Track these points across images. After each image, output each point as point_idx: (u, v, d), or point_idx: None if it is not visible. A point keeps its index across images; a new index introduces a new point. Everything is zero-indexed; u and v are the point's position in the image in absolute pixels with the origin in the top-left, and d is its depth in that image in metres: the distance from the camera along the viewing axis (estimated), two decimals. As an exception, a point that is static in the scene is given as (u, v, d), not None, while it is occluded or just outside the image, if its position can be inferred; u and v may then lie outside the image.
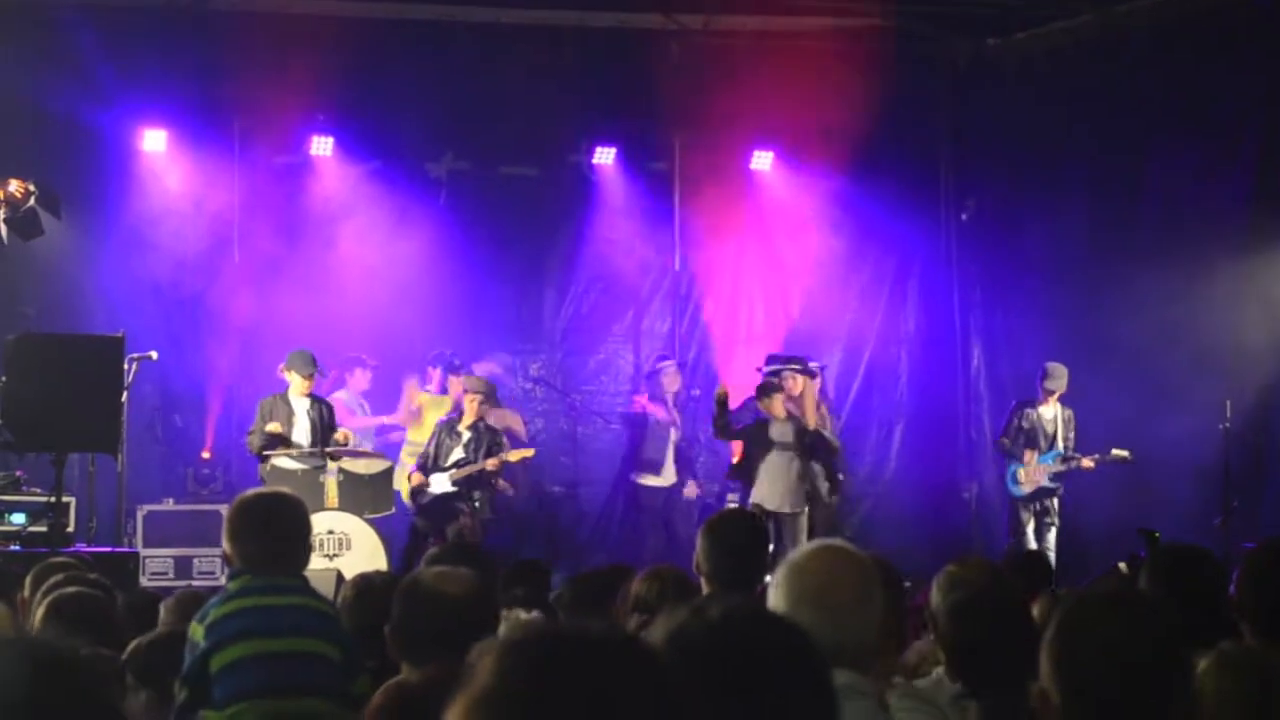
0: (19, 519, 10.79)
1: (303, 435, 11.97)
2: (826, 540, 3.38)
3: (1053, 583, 7.72)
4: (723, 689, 2.08)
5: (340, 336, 13.68)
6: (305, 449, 11.82)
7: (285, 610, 4.68)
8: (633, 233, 15.29)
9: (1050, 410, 13.23)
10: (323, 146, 14.37)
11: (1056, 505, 13.22)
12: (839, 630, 3.08)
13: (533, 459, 13.27)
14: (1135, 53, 14.17)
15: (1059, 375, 13.16)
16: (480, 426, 12.51)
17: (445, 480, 12.43)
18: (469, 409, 12.52)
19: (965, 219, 15.50)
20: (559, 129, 14.81)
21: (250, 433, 12.04)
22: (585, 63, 14.38)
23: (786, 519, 12.33)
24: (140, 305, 13.35)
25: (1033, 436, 13.19)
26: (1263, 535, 11.40)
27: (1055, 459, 13.13)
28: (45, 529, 10.56)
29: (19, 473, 11.41)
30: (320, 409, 12.11)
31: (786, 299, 15.41)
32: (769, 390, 12.60)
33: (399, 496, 12.66)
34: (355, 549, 11.41)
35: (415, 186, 14.68)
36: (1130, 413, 13.49)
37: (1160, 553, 5.29)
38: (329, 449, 11.86)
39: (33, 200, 11.16)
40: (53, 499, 10.53)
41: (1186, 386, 13.29)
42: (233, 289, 14.04)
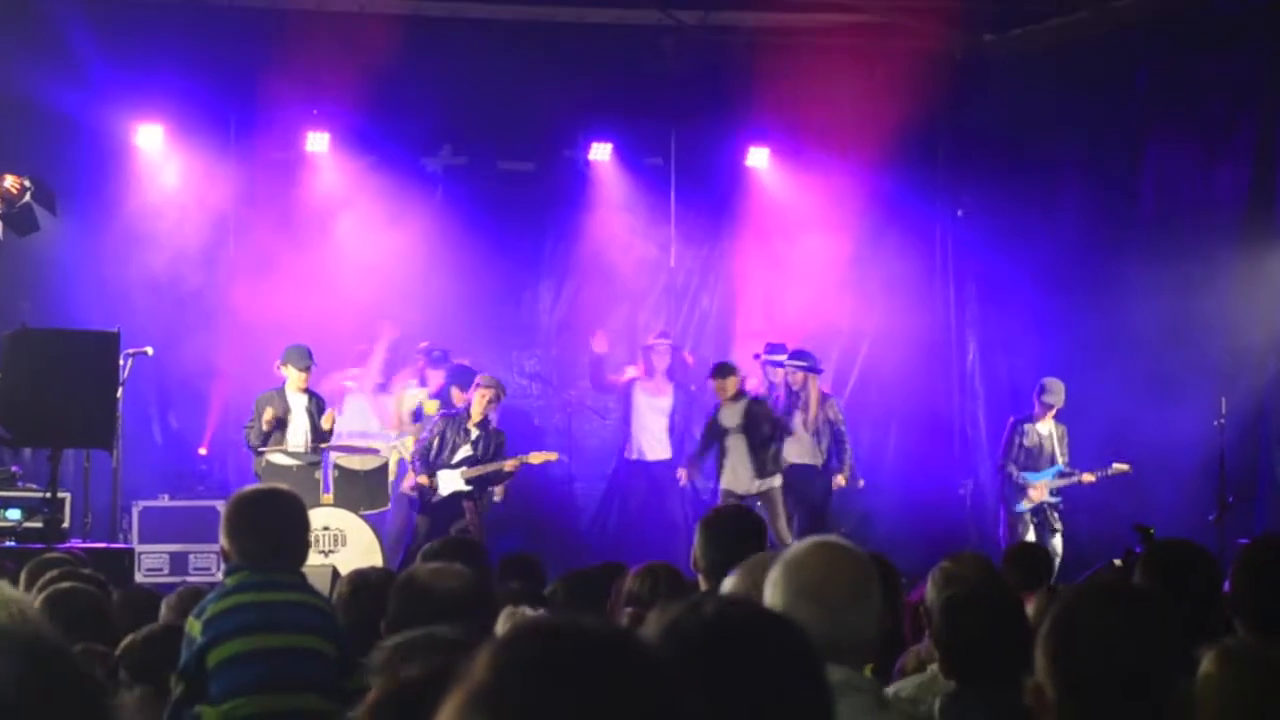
0: (14, 514, 10.76)
1: (299, 431, 11.96)
2: (823, 536, 3.38)
3: (1053, 577, 7.74)
4: (718, 685, 2.07)
5: (336, 331, 13.67)
6: (300, 449, 11.83)
7: (282, 606, 4.69)
8: (629, 228, 15.28)
9: (1046, 426, 13.16)
10: (319, 141, 14.35)
11: (1058, 516, 13.14)
12: (836, 626, 3.08)
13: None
14: (1131, 49, 14.17)
15: (1057, 390, 13.03)
16: (488, 425, 12.21)
17: (456, 478, 12.04)
18: (478, 405, 12.10)
19: (961, 214, 15.50)
20: (556, 124, 14.78)
21: (248, 428, 12.03)
22: (582, 58, 14.36)
23: (759, 498, 12.34)
24: (136, 300, 13.32)
25: (1032, 454, 13.12)
26: (1257, 531, 11.48)
27: (1055, 475, 13.09)
28: (40, 525, 10.53)
29: (14, 468, 11.39)
30: (318, 405, 12.10)
31: (782, 294, 15.40)
32: (725, 372, 12.61)
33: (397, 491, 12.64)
34: (350, 545, 11.40)
35: (412, 181, 14.65)
36: (1125, 409, 13.50)
37: (1155, 548, 5.30)
38: (324, 444, 11.87)
39: (28, 196, 11.12)
40: (48, 494, 10.50)
41: (1181, 382, 13.31)
42: (229, 284, 14.01)
